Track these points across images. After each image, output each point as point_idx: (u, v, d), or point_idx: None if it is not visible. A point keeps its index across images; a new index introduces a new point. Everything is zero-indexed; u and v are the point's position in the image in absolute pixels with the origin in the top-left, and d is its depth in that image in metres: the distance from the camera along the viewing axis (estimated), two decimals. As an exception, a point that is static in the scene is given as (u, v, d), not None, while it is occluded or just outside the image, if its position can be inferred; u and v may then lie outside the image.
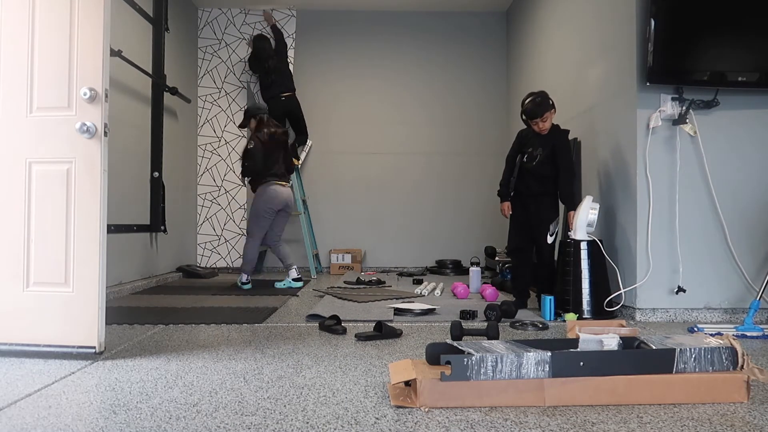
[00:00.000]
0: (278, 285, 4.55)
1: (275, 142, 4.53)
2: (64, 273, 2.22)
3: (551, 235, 3.36)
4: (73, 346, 2.20)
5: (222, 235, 6.02)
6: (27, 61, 2.27)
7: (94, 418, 1.56)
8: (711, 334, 2.00)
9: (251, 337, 2.64)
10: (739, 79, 2.97)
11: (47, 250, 2.23)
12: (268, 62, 5.67)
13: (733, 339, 1.75)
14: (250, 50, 5.88)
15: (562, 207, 3.50)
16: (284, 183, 4.59)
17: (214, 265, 5.99)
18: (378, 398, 1.72)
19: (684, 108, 3.06)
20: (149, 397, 1.75)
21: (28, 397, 1.75)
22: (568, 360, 1.67)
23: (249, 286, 4.44)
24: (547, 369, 1.66)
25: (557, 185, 3.36)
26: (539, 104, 3.29)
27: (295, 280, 4.56)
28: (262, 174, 4.47)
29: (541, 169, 3.30)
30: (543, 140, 3.35)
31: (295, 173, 5.57)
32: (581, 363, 1.67)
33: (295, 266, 4.66)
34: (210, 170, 6.05)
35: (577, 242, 3.16)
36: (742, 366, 1.72)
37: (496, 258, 5.36)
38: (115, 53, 3.95)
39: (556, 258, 3.37)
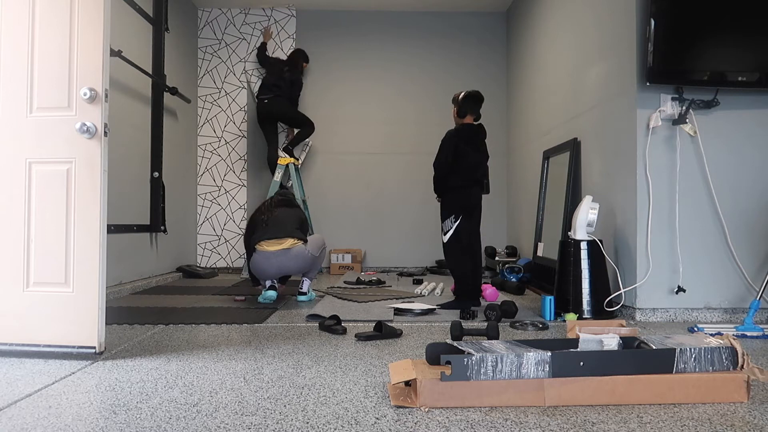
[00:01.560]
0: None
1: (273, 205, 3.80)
2: (64, 273, 2.22)
3: (445, 234, 3.49)
4: (73, 346, 2.20)
5: (222, 235, 6.02)
6: (27, 61, 2.27)
7: (94, 418, 1.56)
8: (711, 334, 2.00)
9: (251, 337, 2.64)
10: (739, 79, 2.97)
11: (47, 250, 2.23)
12: (270, 62, 5.75)
13: (733, 339, 1.75)
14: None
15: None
16: (277, 242, 3.56)
17: (214, 265, 6.00)
18: (378, 398, 1.72)
19: (684, 108, 3.06)
20: (149, 397, 1.75)
21: (28, 397, 1.75)
22: (568, 360, 1.67)
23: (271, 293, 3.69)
24: (547, 369, 1.66)
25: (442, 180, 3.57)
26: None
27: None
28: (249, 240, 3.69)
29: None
30: None
31: (295, 173, 5.57)
32: (581, 363, 1.67)
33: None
34: (210, 170, 6.05)
35: (577, 242, 3.17)
36: (742, 366, 1.72)
37: (496, 258, 5.36)
38: (115, 53, 3.95)
39: (483, 259, 3.52)
